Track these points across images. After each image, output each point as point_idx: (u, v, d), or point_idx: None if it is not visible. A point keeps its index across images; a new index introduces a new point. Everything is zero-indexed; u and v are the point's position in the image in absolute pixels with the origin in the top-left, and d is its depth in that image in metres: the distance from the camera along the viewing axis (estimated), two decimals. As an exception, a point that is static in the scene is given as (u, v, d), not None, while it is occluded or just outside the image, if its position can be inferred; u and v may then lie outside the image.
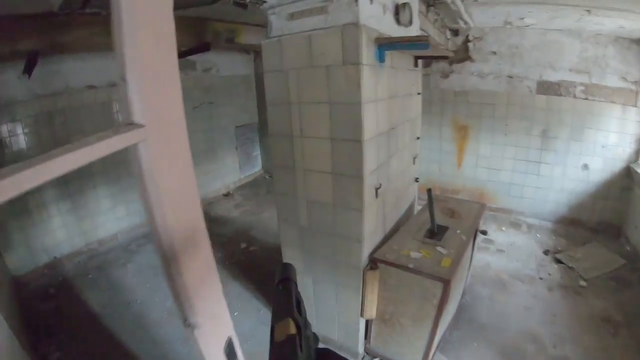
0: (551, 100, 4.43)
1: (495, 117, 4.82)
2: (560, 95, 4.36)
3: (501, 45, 4.56)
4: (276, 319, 0.49)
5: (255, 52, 6.67)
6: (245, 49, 6.39)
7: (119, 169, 4.59)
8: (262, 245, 4.55)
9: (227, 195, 6.50)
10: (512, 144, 4.80)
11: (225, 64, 6.17)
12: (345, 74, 1.96)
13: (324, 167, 2.24)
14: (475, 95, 4.86)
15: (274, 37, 2.20)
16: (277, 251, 2.95)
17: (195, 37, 3.65)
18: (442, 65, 4.92)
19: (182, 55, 4.77)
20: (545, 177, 4.68)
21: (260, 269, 3.96)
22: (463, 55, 4.77)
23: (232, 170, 6.78)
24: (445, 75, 4.96)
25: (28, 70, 3.38)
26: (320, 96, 2.09)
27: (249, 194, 6.59)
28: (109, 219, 4.68)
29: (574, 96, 4.27)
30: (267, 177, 7.36)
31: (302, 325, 0.48)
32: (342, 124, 2.07)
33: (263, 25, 2.33)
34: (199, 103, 5.82)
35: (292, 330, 0.46)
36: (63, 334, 3.04)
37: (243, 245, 4.55)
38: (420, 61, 3.09)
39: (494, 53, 4.63)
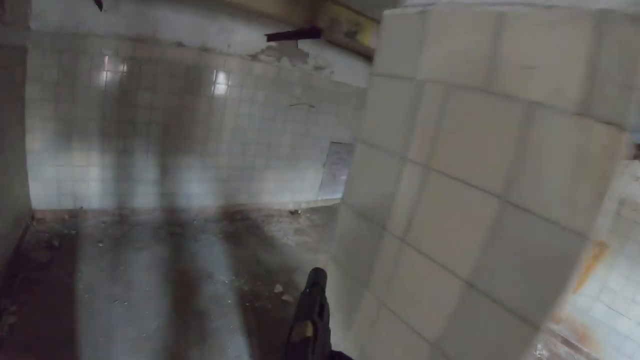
0: None
1: None
2: None
3: None
4: (296, 319, 0.53)
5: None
6: (369, 55, 5.47)
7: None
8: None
9: (293, 213, 5.68)
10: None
11: (342, 68, 5.36)
12: (577, 143, 0.80)
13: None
14: (632, 209, 3.47)
15: (414, 5, 1.19)
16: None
17: (306, 18, 2.83)
18: None
19: (282, 36, 4.02)
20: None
21: (283, 330, 2.95)
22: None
23: (311, 188, 5.98)
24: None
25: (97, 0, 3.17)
26: (485, 173, 0.98)
27: (318, 221, 5.72)
28: (151, 191, 4.21)
29: None
30: (342, 205, 6.35)
31: (321, 329, 0.49)
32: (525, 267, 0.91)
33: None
34: (297, 102, 5.07)
35: (309, 332, 0.48)
36: (32, 297, 2.75)
37: (278, 289, 3.62)
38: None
39: None
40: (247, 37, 4.44)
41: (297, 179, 5.83)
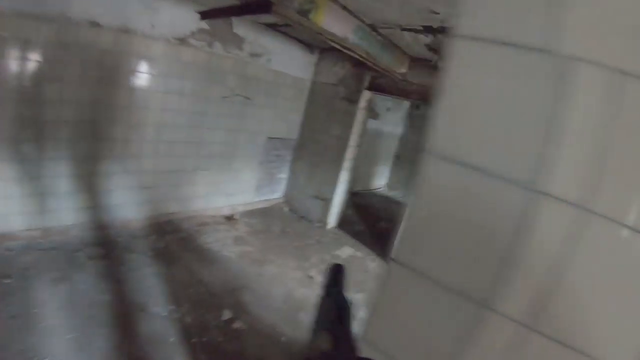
0: None
1: None
2: None
3: None
4: (314, 330, 0.48)
5: (321, 52, 5.41)
6: (310, 44, 5.14)
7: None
8: (255, 323, 3.15)
9: (229, 218, 5.11)
10: None
11: (280, 56, 4.91)
12: None
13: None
14: None
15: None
16: (279, 344, 1.74)
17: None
18: None
19: (221, 13, 3.47)
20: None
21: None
22: None
23: (247, 189, 5.46)
24: None
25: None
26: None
27: (258, 226, 5.25)
28: (65, 205, 3.40)
29: None
30: (287, 209, 6.00)
31: (342, 337, 0.45)
32: None
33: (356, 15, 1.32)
34: (231, 93, 4.48)
35: (327, 346, 0.44)
36: None
37: (226, 315, 3.15)
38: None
39: None
40: (176, 15, 3.68)
41: (232, 180, 5.25)
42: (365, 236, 5.97)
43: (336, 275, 0.57)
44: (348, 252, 5.18)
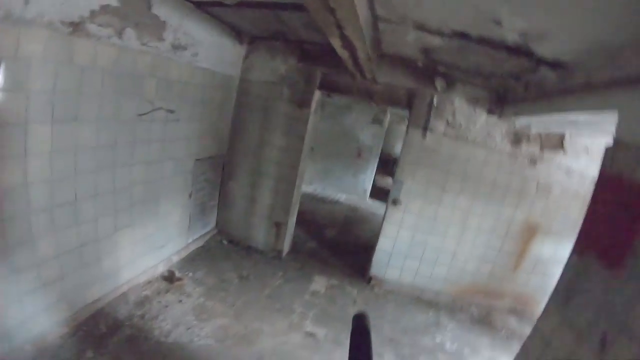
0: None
1: (568, 220, 4.08)
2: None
3: (593, 142, 3.83)
4: None
5: (251, 42, 4.23)
6: (240, 30, 3.94)
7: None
8: None
9: (171, 279, 3.63)
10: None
11: (208, 48, 3.61)
12: None
13: None
14: (557, 194, 4.04)
15: None
16: None
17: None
18: (533, 148, 3.84)
19: None
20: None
21: None
22: (556, 143, 3.83)
23: (179, 233, 3.98)
24: (534, 162, 3.90)
25: None
26: None
27: (209, 279, 3.96)
28: None
29: None
30: (225, 241, 4.67)
31: None
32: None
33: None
34: (151, 108, 3.03)
35: None
36: None
37: None
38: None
39: (587, 150, 3.88)
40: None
41: (161, 228, 3.62)
42: (323, 254, 5.24)
43: (364, 320, 0.58)
44: (322, 282, 4.38)
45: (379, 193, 9.31)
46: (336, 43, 2.59)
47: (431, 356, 3.43)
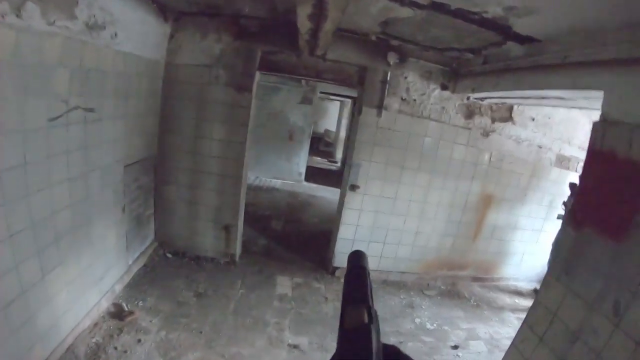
0: (562, 174, 4.51)
1: (519, 186, 4.41)
2: (568, 169, 4.51)
3: (539, 112, 4.19)
4: (348, 303, 0.45)
5: (177, 19, 3.57)
6: (162, 5, 3.29)
7: None
8: None
9: (120, 315, 3.03)
10: (525, 214, 4.57)
11: (129, 28, 2.92)
12: None
13: None
14: (509, 162, 4.29)
15: None
16: None
17: None
18: (485, 120, 4.08)
19: None
20: (543, 244, 4.68)
21: None
22: (506, 114, 4.14)
23: (117, 256, 3.33)
24: (486, 134, 4.13)
25: None
26: None
27: (164, 305, 3.44)
28: None
29: (576, 171, 4.49)
30: (168, 255, 4.05)
31: (375, 316, 0.43)
32: None
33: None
34: (65, 108, 2.36)
35: (365, 319, 0.42)
36: None
37: None
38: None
39: (533, 119, 4.22)
40: None
41: (98, 255, 2.88)
42: (278, 250, 4.91)
43: (361, 258, 0.55)
44: (286, 283, 4.11)
45: (314, 175, 9.22)
46: (303, 12, 2.24)
47: (416, 340, 3.43)
